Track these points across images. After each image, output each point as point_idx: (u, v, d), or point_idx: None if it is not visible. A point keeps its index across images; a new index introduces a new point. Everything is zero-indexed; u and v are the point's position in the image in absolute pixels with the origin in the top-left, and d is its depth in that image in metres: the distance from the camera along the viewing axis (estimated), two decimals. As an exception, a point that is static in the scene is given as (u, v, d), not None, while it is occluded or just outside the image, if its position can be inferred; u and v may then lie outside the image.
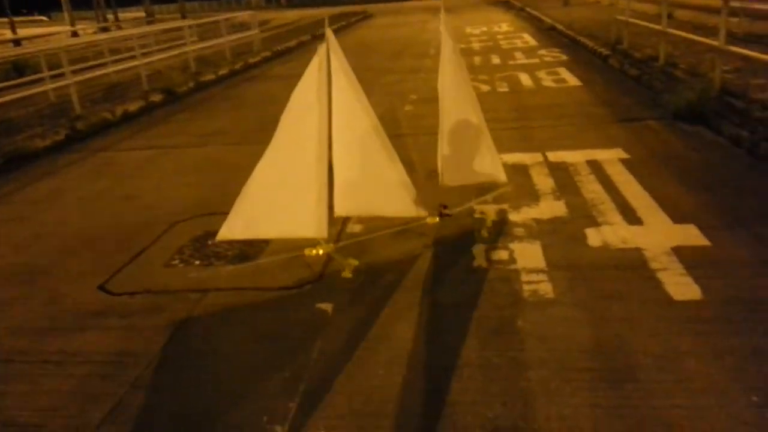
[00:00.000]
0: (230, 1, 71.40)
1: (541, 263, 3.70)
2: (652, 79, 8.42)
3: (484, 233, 4.23)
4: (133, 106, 10.40)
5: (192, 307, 3.59)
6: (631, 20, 11.00)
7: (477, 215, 4.55)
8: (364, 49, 16.80)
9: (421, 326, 3.18)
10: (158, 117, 9.96)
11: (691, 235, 3.90)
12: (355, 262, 3.86)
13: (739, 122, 5.90)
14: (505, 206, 4.68)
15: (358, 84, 3.87)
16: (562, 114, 7.49)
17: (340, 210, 4.01)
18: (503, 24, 20.62)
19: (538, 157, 5.85)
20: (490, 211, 4.60)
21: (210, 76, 13.59)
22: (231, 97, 11.34)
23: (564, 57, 12.03)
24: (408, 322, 3.21)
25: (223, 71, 14.27)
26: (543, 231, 4.18)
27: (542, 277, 3.53)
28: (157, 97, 11.26)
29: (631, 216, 4.29)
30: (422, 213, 4.09)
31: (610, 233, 4.04)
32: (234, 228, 3.76)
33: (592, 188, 4.92)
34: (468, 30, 19.86)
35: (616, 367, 2.70)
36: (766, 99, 6.46)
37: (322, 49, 3.77)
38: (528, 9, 24.18)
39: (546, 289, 3.39)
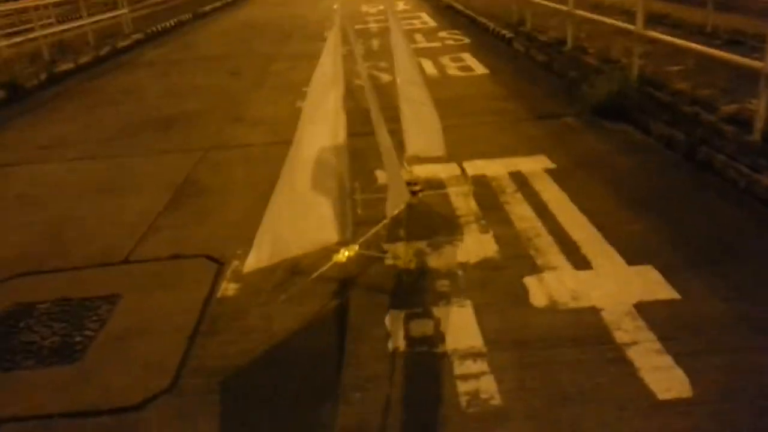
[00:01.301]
0: (104, -25, 65.54)
1: (478, 340, 2.79)
2: (563, 67, 7.80)
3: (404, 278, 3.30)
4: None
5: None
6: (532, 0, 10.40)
7: (389, 260, 3.58)
8: (251, 31, 15.28)
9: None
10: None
11: (653, 283, 3.14)
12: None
13: (668, 120, 5.31)
14: (422, 244, 3.74)
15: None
16: (474, 110, 6.66)
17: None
18: (400, 2, 19.69)
19: (454, 168, 4.97)
20: (403, 252, 3.65)
21: (68, 66, 11.60)
22: (91, 91, 9.60)
23: (466, 40, 11.28)
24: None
25: (85, 59, 12.28)
26: (473, 283, 3.28)
27: (481, 366, 2.61)
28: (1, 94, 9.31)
29: (575, 255, 3.49)
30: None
31: (555, 284, 3.20)
32: (261, 255, 3.04)
33: (522, 212, 4.09)
34: (364, 8, 18.73)
35: None
36: (691, 90, 5.94)
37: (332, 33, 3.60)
38: (423, -14, 23.38)
39: (489, 389, 2.47)
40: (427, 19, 14.79)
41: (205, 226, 4.32)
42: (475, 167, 4.96)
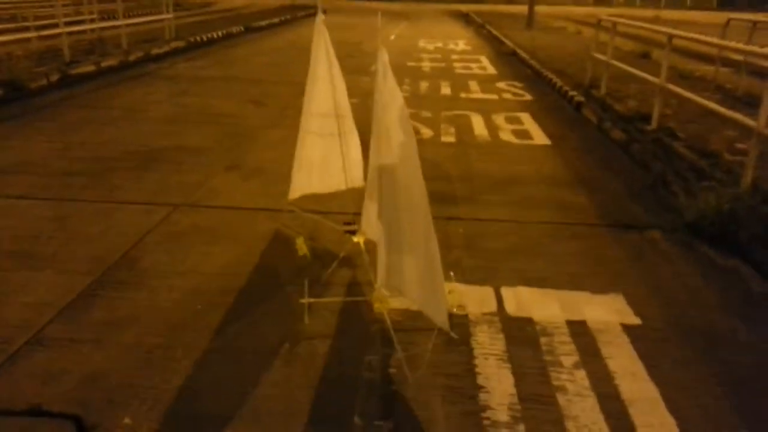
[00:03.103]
0: (179, -22, 66.97)
1: None
2: (645, 153, 6.23)
3: None
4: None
5: None
6: (613, 62, 8.86)
7: None
8: (295, 54, 14.17)
9: None
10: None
11: None
12: None
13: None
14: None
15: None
16: (527, 199, 5.14)
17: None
18: (461, 41, 18.42)
19: (487, 298, 3.47)
20: None
21: (88, 68, 10.64)
22: (93, 103, 8.50)
23: (527, 96, 9.79)
24: None
25: (109, 62, 11.33)
26: None
27: None
28: (-10, 93, 8.28)
29: None
30: None
31: None
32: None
33: (583, 417, 2.55)
34: (422, 44, 17.54)
35: None
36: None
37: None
38: (488, 27, 22.13)
39: None
40: (486, 65, 13.39)
41: (103, 352, 2.91)
42: (518, 301, 3.44)
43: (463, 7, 35.10)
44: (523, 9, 22.71)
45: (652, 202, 5.13)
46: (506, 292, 3.56)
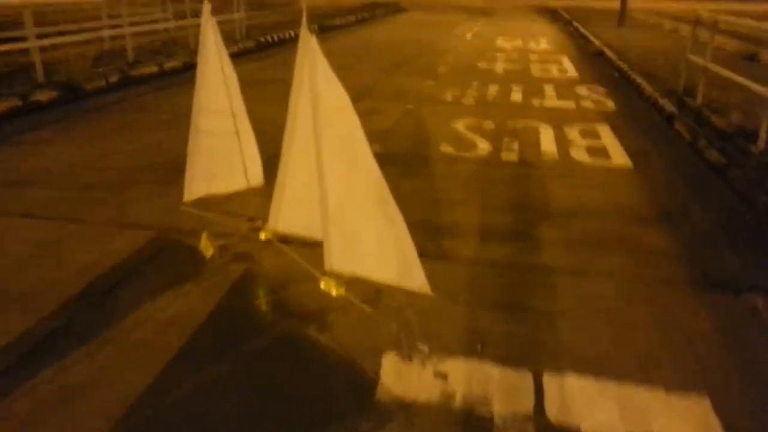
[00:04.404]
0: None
1: None
2: (749, 182, 5.10)
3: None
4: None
5: None
6: (712, 66, 7.60)
7: None
8: (363, 54, 13.61)
9: None
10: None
11: None
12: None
13: None
14: None
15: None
16: (593, 239, 4.22)
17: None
18: (543, 40, 17.19)
19: (522, 388, 2.67)
20: None
21: (149, 70, 10.54)
22: (142, 107, 8.29)
23: (609, 104, 8.67)
24: None
25: (172, 63, 11.21)
26: None
27: None
28: (45, 95, 8.23)
29: None
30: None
31: None
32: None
33: None
34: (499, 42, 16.51)
35: None
36: None
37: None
38: (576, 24, 20.65)
39: None
40: (567, 66, 12.23)
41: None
42: (564, 397, 2.61)
43: (552, 3, 33.35)
44: (615, 5, 21.01)
45: (755, 250, 4.08)
46: (550, 381, 2.73)
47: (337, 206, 2.77)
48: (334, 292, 3.01)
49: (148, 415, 2.48)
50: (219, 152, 3.65)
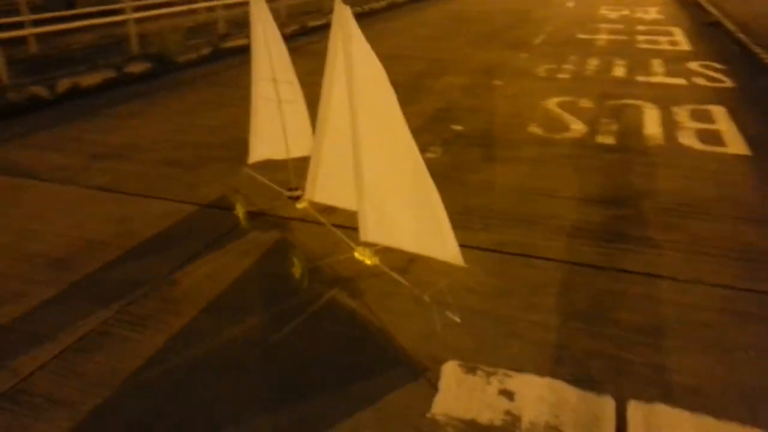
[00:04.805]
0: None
1: None
2: None
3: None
4: (68, 84, 7.58)
5: None
6: None
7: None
8: (452, 26, 13.08)
9: None
10: (90, 107, 7.14)
11: None
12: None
13: None
14: None
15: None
16: (700, 241, 3.67)
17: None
18: (652, 9, 15.78)
19: (601, 417, 2.31)
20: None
21: (238, 42, 10.62)
22: (225, 83, 8.30)
23: (727, 82, 7.72)
24: None
25: (262, 35, 11.23)
26: None
27: None
28: (138, 67, 8.48)
29: None
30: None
31: None
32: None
33: None
34: (602, 12, 15.35)
35: None
36: None
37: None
38: (691, -10, 18.81)
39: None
40: (679, 39, 11.10)
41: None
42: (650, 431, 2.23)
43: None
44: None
45: None
46: (635, 410, 2.35)
47: (372, 178, 2.75)
48: (368, 261, 3.02)
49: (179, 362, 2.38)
50: (276, 119, 3.70)
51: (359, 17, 12.67)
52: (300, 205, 3.59)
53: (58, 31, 9.12)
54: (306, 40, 11.47)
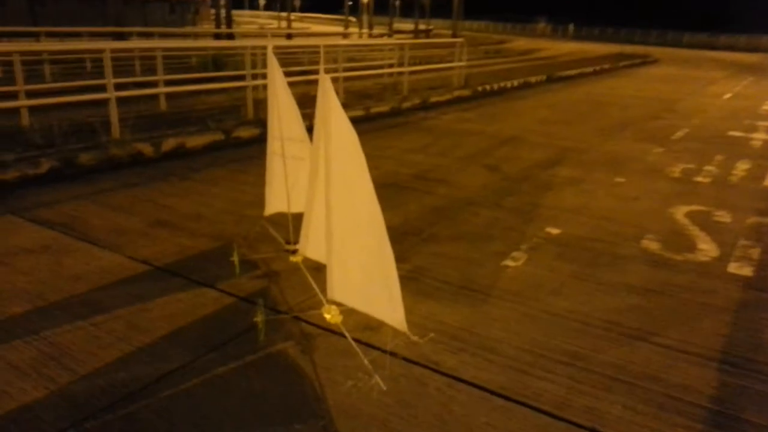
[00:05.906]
0: (516, 27, 69.25)
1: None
2: None
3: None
4: (173, 143, 7.72)
5: None
6: None
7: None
8: (586, 109, 12.14)
9: None
10: (183, 168, 7.15)
11: None
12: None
13: None
14: None
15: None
16: None
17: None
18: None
19: None
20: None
21: (355, 113, 10.56)
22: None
23: None
24: None
25: (381, 108, 11.15)
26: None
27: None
28: (247, 132, 8.58)
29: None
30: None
31: None
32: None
33: None
34: (766, 107, 13.54)
35: None
36: None
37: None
38: None
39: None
40: None
41: None
42: None
43: None
44: None
45: None
46: None
47: (339, 239, 2.91)
48: (328, 318, 3.16)
49: None
50: (290, 175, 3.84)
51: (487, 95, 12.17)
52: (294, 259, 3.72)
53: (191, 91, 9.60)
54: (422, 115, 11.16)
